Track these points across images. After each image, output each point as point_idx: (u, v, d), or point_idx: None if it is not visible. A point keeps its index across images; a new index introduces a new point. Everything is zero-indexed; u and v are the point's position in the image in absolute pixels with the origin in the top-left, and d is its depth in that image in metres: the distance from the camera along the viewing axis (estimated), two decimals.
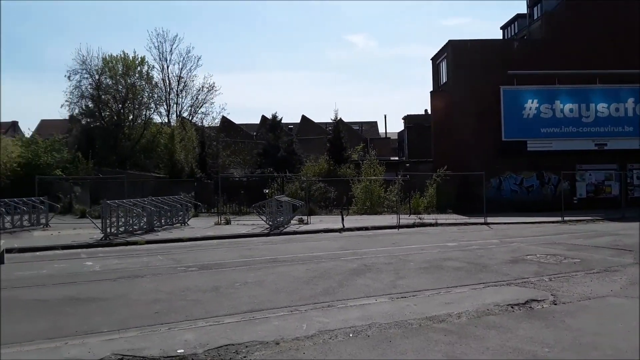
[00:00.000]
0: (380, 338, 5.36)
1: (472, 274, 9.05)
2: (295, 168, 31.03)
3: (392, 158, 46.70)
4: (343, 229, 17.15)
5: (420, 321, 5.96)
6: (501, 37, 33.68)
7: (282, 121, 39.03)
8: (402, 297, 7.28)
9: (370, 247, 12.99)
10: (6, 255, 11.22)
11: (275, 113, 38.26)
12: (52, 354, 4.93)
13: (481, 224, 18.64)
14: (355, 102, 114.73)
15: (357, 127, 54.61)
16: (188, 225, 18.71)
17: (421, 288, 7.89)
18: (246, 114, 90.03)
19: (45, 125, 56.48)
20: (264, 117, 45.53)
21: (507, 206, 23.07)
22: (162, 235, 15.78)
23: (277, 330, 5.69)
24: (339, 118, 36.79)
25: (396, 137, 56.23)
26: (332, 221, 19.19)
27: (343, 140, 33.62)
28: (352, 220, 19.25)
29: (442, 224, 18.63)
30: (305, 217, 20.09)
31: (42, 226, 18.02)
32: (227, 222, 19.28)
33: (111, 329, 5.81)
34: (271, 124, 37.43)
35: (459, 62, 26.33)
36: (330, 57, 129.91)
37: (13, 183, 26.28)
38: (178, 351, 4.98)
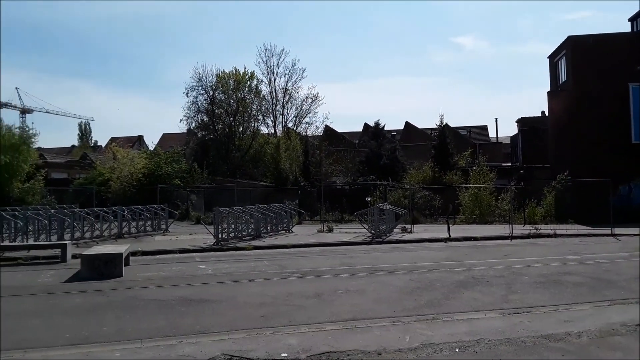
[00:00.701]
0: (489, 355, 5.05)
1: (596, 290, 8.20)
2: (398, 175, 30.65)
3: (504, 164, 44.10)
4: (449, 239, 16.53)
5: (534, 339, 5.52)
6: (629, 30, 30.39)
7: (385, 128, 38.88)
8: (514, 313, 6.80)
9: (479, 259, 12.34)
10: (131, 258, 12.48)
11: (378, 120, 38.23)
12: (168, 351, 5.34)
13: (607, 235, 16.84)
14: (462, 107, 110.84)
15: (465, 132, 52.53)
16: (292, 232, 19.32)
17: (536, 304, 7.32)
18: (349, 122, 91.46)
19: (166, 139, 62.28)
20: (366, 125, 45.72)
21: (639, 216, 20.60)
22: (268, 241, 16.47)
23: (378, 340, 5.62)
24: (444, 123, 35.65)
25: (508, 142, 53.03)
26: (436, 230, 18.59)
27: (449, 146, 32.53)
28: (458, 230, 18.48)
29: (561, 235, 17.15)
30: (408, 226, 19.71)
31: (162, 231, 19.76)
32: (330, 230, 19.58)
33: (221, 329, 6.17)
34: (373, 132, 37.43)
35: (580, 59, 24.15)
36: (436, 61, 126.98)
37: (138, 191, 29.21)
38: (282, 355, 5.13)
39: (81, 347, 5.56)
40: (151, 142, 61.63)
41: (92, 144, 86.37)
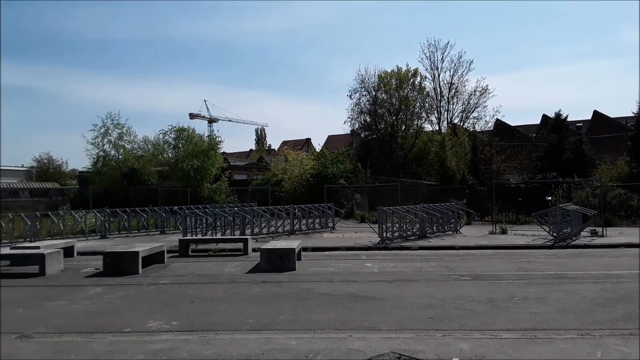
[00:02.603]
0: None
1: None
2: (584, 172, 27.41)
3: None
4: None
5: None
6: None
7: (568, 119, 35.08)
8: None
9: None
10: (303, 253, 13.39)
11: (559, 111, 34.69)
12: (338, 343, 5.59)
13: None
14: None
15: None
16: (460, 233, 18.62)
17: None
18: (523, 115, 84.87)
19: (331, 140, 65.32)
20: (545, 117, 41.84)
21: None
22: (434, 242, 16.14)
23: (563, 353, 5.10)
24: None
25: None
26: (635, 235, 16.09)
27: None
28: None
29: None
30: (599, 229, 17.44)
31: (329, 229, 20.77)
32: (503, 232, 18.36)
33: (389, 328, 6.24)
34: (554, 124, 34.08)
35: None
36: (629, 40, 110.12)
37: (307, 191, 31.20)
38: (453, 359, 4.98)
39: (262, 332, 6.14)
40: (318, 144, 65.41)
41: (267, 148, 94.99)
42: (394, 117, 40.63)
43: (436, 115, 41.98)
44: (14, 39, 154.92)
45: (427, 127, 42.25)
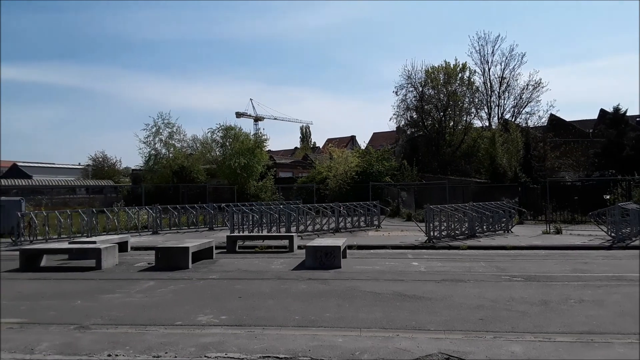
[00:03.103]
0: None
1: None
2: None
3: None
4: None
5: None
6: None
7: (627, 113, 33.34)
8: None
9: None
10: (348, 251, 13.40)
11: (618, 105, 33.01)
12: (385, 342, 5.57)
13: None
14: None
15: None
16: (511, 232, 18.08)
17: None
18: (580, 110, 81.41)
19: (376, 137, 64.93)
20: (602, 111, 39.90)
21: None
22: (484, 241, 15.76)
23: (623, 358, 4.87)
24: None
25: None
26: None
27: None
28: None
29: None
30: None
31: (375, 227, 20.67)
32: (557, 231, 17.68)
33: (437, 328, 6.16)
34: (612, 118, 32.49)
35: None
36: None
37: (352, 189, 31.16)
38: None
39: (308, 329, 6.21)
40: (363, 141, 65.09)
41: (312, 146, 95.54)
42: (442, 113, 39.87)
43: (486, 110, 40.90)
44: (72, 41, 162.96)
45: (477, 123, 41.26)
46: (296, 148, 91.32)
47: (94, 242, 13.08)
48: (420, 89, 40.09)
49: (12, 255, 13.66)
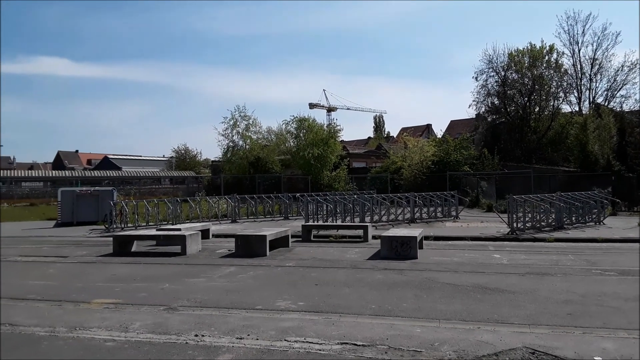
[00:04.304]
0: None
1: None
2: None
3: None
4: None
5: None
6: None
7: None
8: None
9: None
10: (424, 242, 13.21)
11: None
12: (466, 335, 5.47)
13: None
14: None
15: None
16: (604, 224, 16.93)
17: None
18: None
19: (453, 125, 63.08)
20: None
21: None
22: (572, 233, 14.89)
23: None
24: None
25: None
26: None
27: None
28: None
29: None
30: None
31: (452, 218, 20.18)
32: None
33: (521, 322, 5.95)
34: None
35: None
36: None
37: (428, 179, 30.56)
38: (595, 358, 4.62)
39: (385, 318, 6.23)
40: (439, 129, 63.60)
41: (385, 135, 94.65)
42: (526, 99, 37.91)
43: (576, 94, 38.38)
44: (154, 40, 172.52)
45: (565, 108, 38.86)
46: (369, 138, 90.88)
47: (179, 230, 13.90)
48: (503, 74, 38.34)
49: (106, 241, 14.85)
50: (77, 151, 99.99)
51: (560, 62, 37.61)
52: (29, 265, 11.33)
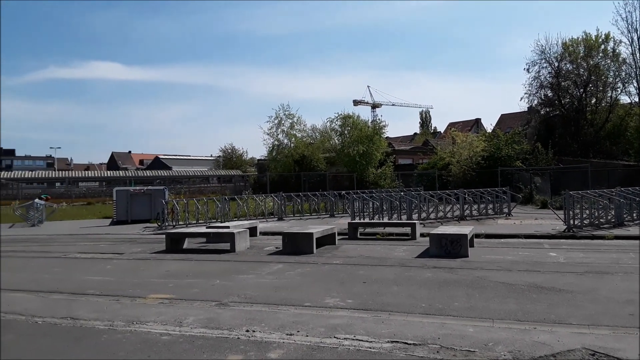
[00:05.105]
0: None
1: None
2: None
3: None
4: None
5: None
6: None
7: None
8: None
9: None
10: (475, 240, 12.92)
11: None
12: (521, 335, 5.33)
13: None
14: None
15: None
16: None
17: None
18: None
19: (504, 119, 61.24)
20: None
21: None
22: (633, 230, 14.18)
23: None
24: None
25: None
26: None
27: None
28: None
29: None
30: None
31: (504, 215, 19.61)
32: None
33: (580, 322, 5.74)
34: None
35: None
36: None
37: (478, 175, 29.86)
38: None
39: (436, 317, 6.15)
40: (489, 124, 61.84)
41: (432, 131, 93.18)
42: (582, 90, 36.33)
43: (635, 85, 36.37)
44: (201, 42, 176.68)
45: (624, 99, 36.94)
46: (415, 134, 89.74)
47: (228, 227, 14.22)
48: (556, 64, 36.90)
49: (159, 239, 15.39)
50: (129, 152, 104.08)
51: (617, 51, 35.82)
52: (87, 261, 11.90)
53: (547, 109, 39.09)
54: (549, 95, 38.11)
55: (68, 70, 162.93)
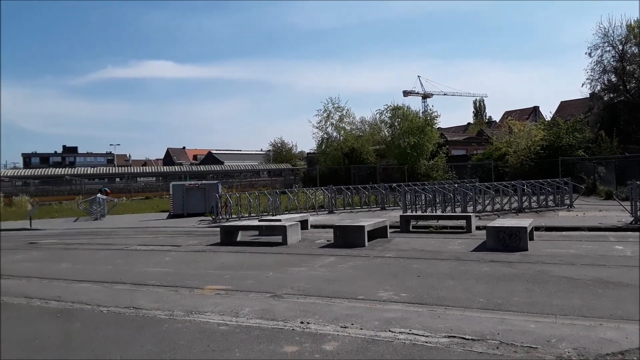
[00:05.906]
0: None
1: None
2: None
3: None
4: None
5: None
6: None
7: None
8: None
9: None
10: (535, 233, 12.47)
11: None
12: (587, 331, 5.11)
13: None
14: None
15: None
16: None
17: None
18: None
19: (564, 107, 58.60)
20: None
21: None
22: None
23: None
24: None
25: None
26: None
27: None
28: None
29: None
30: None
31: (566, 207, 18.81)
32: None
33: None
34: None
35: None
36: None
37: (537, 165, 28.76)
38: None
39: (495, 312, 5.99)
40: (548, 112, 59.59)
41: (487, 120, 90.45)
42: None
43: None
44: (249, 38, 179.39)
45: None
46: (469, 124, 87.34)
47: (279, 220, 14.42)
48: (621, 48, 34.82)
49: (214, 231, 15.82)
50: (184, 147, 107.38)
51: None
52: (147, 253, 12.42)
53: (611, 95, 37.00)
54: (613, 80, 36.04)
55: (124, 70, 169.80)
